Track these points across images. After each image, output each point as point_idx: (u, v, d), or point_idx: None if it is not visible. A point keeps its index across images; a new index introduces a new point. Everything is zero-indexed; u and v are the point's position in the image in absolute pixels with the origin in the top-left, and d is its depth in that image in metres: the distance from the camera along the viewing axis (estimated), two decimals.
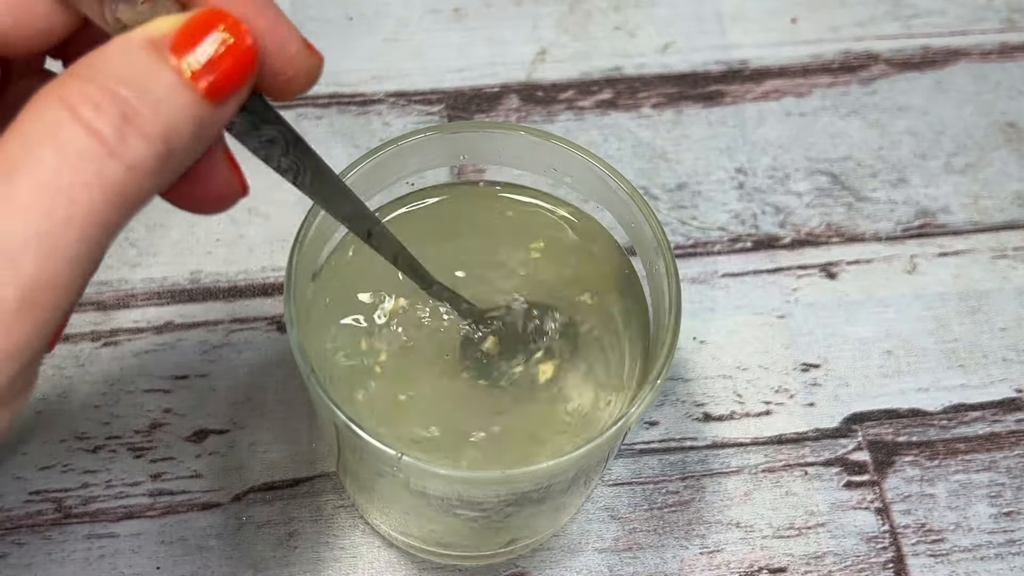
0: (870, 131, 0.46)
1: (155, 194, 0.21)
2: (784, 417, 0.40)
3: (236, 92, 0.21)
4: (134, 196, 0.20)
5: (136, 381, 0.39)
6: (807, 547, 0.37)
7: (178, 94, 0.20)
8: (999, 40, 0.49)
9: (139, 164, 0.19)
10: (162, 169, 0.20)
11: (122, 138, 0.19)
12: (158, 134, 0.20)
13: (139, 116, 0.19)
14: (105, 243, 0.20)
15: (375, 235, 0.28)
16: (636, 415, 0.28)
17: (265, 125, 0.23)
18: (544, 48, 0.48)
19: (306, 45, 0.23)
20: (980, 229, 0.44)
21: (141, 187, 0.20)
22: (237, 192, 0.24)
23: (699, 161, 0.45)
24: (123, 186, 0.19)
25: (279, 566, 0.36)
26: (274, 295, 0.41)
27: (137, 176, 0.19)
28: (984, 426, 0.40)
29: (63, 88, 0.19)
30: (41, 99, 0.19)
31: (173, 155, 0.20)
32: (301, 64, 0.22)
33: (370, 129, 0.45)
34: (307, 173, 0.25)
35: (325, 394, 0.27)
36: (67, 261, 0.19)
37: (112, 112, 0.19)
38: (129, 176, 0.19)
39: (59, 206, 0.19)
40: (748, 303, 0.42)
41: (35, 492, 0.37)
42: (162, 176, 0.20)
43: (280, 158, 0.24)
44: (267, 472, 0.38)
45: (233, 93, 0.21)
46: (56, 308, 0.19)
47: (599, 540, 0.37)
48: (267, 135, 0.23)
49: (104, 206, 0.19)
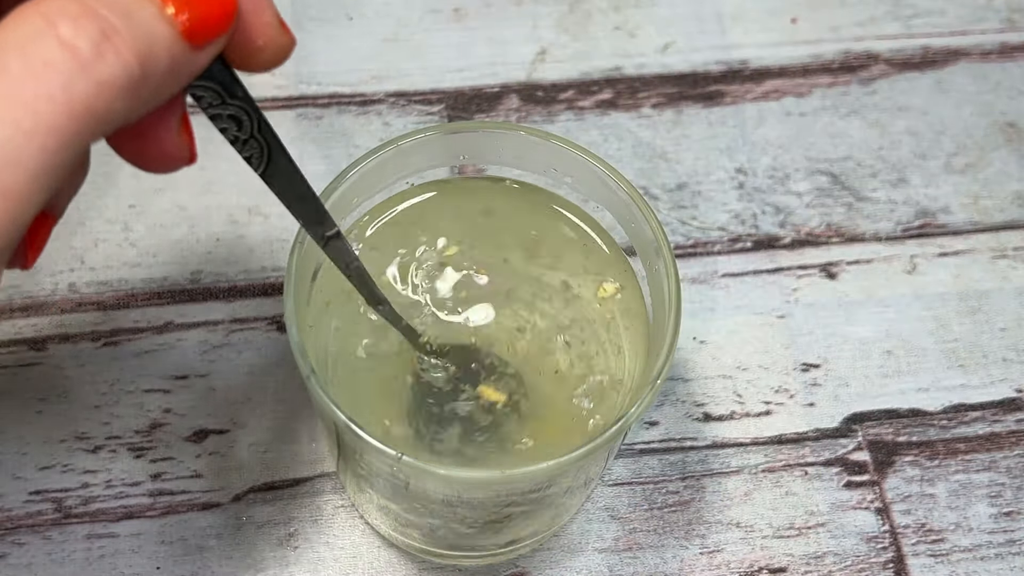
0: (870, 131, 0.46)
1: (122, 122, 0.21)
2: (784, 417, 0.40)
3: (211, 40, 0.21)
4: (102, 114, 0.20)
5: (136, 381, 0.39)
6: (807, 547, 0.37)
7: (158, 25, 0.20)
8: (999, 40, 0.49)
9: (111, 81, 0.19)
10: (133, 94, 0.20)
11: (98, 53, 0.19)
12: (134, 54, 0.20)
13: (117, 35, 0.20)
14: (68, 158, 0.20)
15: (331, 241, 0.28)
16: (636, 415, 0.28)
17: (233, 100, 0.23)
18: (544, 48, 0.48)
19: (280, 21, 0.23)
20: (980, 229, 0.44)
21: (110, 107, 0.20)
22: (185, 158, 0.24)
23: (699, 161, 0.45)
24: (91, 102, 0.19)
25: (279, 566, 0.36)
26: (274, 295, 0.41)
27: (107, 93, 0.20)
28: (984, 426, 0.40)
29: (43, 5, 0.19)
30: (22, 11, 0.19)
31: (146, 82, 0.20)
32: (272, 35, 0.23)
33: (370, 129, 0.45)
34: (268, 160, 0.25)
35: (325, 394, 0.27)
36: (27, 172, 0.19)
37: (91, 28, 0.19)
38: (99, 92, 0.19)
39: (23, 117, 0.19)
40: (748, 303, 0.42)
41: (35, 492, 0.37)
42: (131, 102, 0.20)
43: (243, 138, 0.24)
44: (267, 472, 0.38)
45: (208, 40, 0.21)
46: (14, 219, 0.19)
47: (599, 540, 0.37)
48: (232, 111, 0.23)
49: (69, 120, 0.19)
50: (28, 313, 0.40)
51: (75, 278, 0.41)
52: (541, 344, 0.32)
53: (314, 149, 0.44)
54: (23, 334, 0.39)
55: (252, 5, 0.22)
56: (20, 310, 0.40)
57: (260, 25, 0.23)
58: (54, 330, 0.40)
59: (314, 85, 0.46)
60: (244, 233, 0.42)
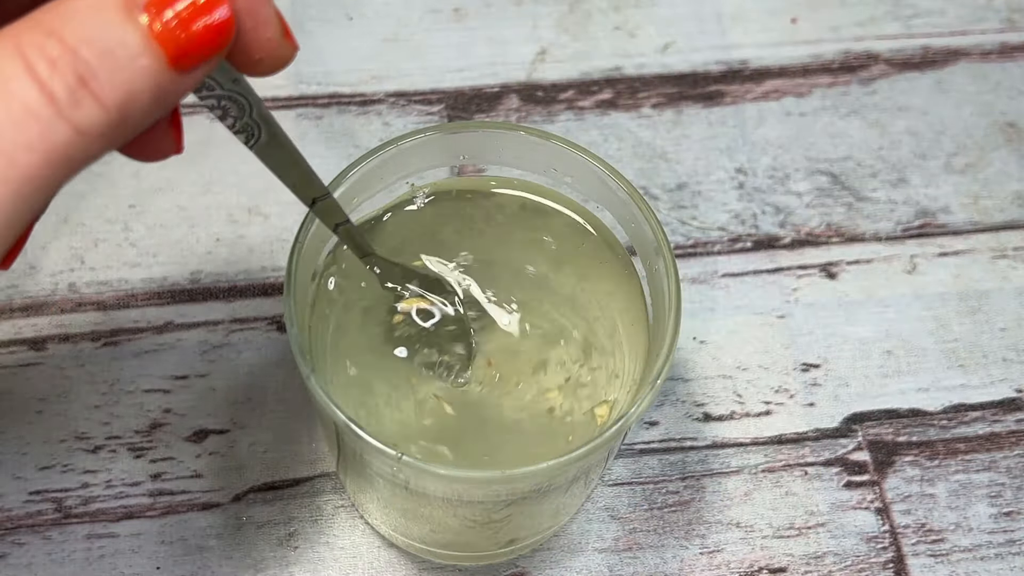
0: (870, 131, 0.46)
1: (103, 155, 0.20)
2: (784, 417, 0.40)
3: (203, 63, 0.20)
4: (80, 159, 0.19)
5: (136, 381, 0.39)
6: (807, 547, 0.37)
7: (142, 59, 0.19)
8: (999, 40, 0.49)
9: (90, 130, 0.19)
10: (113, 135, 0.19)
11: (75, 101, 0.18)
12: (114, 101, 0.19)
13: (96, 80, 0.19)
14: (44, 199, 0.19)
15: (318, 203, 0.28)
16: (636, 415, 0.28)
17: (227, 83, 0.22)
18: (544, 48, 0.48)
19: (284, 32, 0.22)
20: (980, 229, 0.44)
21: (88, 151, 0.19)
22: (171, 149, 0.24)
23: (699, 161, 0.45)
24: (69, 149, 0.19)
25: (279, 566, 0.36)
26: (274, 295, 0.41)
27: (86, 140, 0.19)
28: (984, 426, 0.40)
29: (20, 38, 0.19)
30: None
31: (127, 122, 0.19)
32: (273, 50, 0.22)
33: (370, 129, 0.45)
34: (263, 137, 0.24)
35: (325, 394, 0.27)
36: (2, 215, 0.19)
37: (68, 72, 0.18)
38: (77, 140, 0.19)
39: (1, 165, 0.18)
40: (748, 303, 0.42)
41: (35, 492, 0.37)
42: (112, 141, 0.20)
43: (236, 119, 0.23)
44: (267, 472, 0.38)
45: (200, 64, 0.20)
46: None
47: (599, 540, 0.37)
48: (226, 94, 0.23)
49: (46, 168, 0.19)
50: (28, 313, 0.40)
51: (75, 278, 0.41)
52: (541, 343, 0.32)
53: (314, 149, 0.44)
54: (23, 334, 0.39)
55: (254, 21, 0.21)
56: (20, 310, 0.40)
57: (260, 42, 0.21)
58: (54, 330, 0.40)
59: (314, 85, 0.46)
60: (244, 233, 0.42)
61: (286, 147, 0.26)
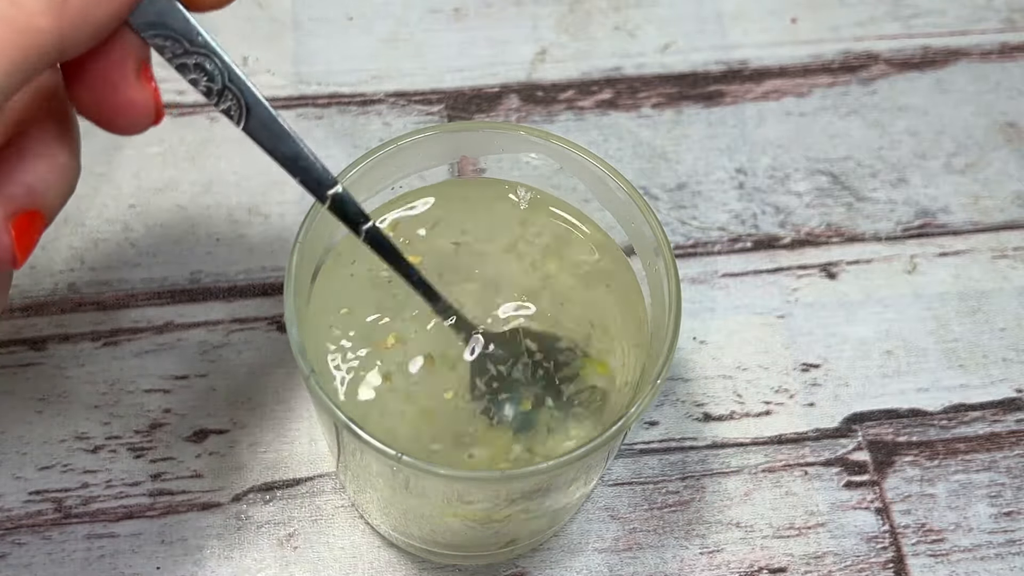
0: (870, 131, 0.46)
1: (57, 56, 0.21)
2: (784, 417, 0.40)
3: None
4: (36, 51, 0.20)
5: (136, 381, 0.39)
6: (807, 547, 0.37)
7: None
8: (999, 40, 0.49)
9: (33, 8, 0.20)
10: (59, 22, 0.20)
11: None
12: None
13: None
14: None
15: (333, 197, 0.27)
16: (636, 415, 0.28)
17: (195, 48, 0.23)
18: (544, 48, 0.48)
19: None
20: (980, 229, 0.44)
21: (41, 43, 0.20)
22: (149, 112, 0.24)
23: (699, 161, 0.45)
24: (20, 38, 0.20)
25: (279, 566, 0.36)
26: (274, 295, 0.41)
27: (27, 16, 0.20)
28: (984, 426, 0.40)
29: None
30: None
31: (67, 6, 0.20)
32: None
33: (370, 129, 0.45)
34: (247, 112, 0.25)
35: (325, 394, 0.27)
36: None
37: None
38: (16, 15, 0.20)
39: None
40: (748, 303, 0.42)
41: (35, 492, 0.37)
42: (61, 33, 0.20)
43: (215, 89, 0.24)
44: (267, 472, 0.38)
45: None
46: None
47: (599, 540, 0.37)
48: (196, 59, 0.23)
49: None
50: (28, 313, 0.40)
51: (75, 278, 0.41)
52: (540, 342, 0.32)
53: (314, 149, 0.44)
54: (23, 334, 0.39)
55: None
56: (20, 310, 0.40)
57: None
58: (54, 330, 0.40)
59: (314, 85, 0.46)
60: (244, 233, 0.42)
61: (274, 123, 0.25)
